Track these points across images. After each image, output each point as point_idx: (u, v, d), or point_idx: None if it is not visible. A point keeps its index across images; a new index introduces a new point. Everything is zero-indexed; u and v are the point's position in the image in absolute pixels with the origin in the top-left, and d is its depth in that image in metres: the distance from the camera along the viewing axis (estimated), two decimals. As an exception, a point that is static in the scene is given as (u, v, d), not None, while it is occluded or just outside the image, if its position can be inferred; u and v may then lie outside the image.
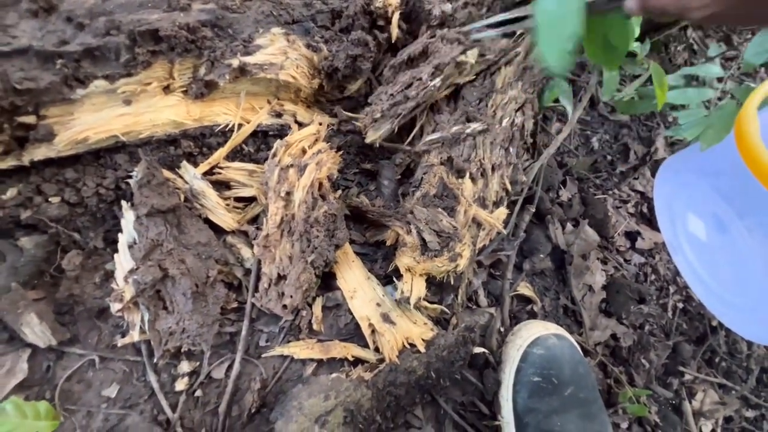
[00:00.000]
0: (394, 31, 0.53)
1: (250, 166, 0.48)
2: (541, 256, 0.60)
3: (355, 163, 0.56)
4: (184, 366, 0.43)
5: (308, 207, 0.43)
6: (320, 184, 0.44)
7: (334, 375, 0.42)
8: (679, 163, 0.61)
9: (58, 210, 0.40)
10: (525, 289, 0.58)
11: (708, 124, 0.51)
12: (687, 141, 0.62)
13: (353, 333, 0.49)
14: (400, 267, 0.47)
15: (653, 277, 0.68)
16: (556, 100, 0.61)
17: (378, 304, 0.48)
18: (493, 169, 0.54)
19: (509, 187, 0.55)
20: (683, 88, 0.55)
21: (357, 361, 0.47)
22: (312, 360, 0.47)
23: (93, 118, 0.40)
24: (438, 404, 0.49)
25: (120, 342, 0.41)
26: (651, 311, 0.65)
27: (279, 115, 0.50)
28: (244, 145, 0.49)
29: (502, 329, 0.55)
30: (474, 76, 0.54)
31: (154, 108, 0.42)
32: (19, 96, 0.36)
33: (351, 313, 0.49)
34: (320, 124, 0.48)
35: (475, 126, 0.51)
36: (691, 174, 0.58)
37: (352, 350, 0.46)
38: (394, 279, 0.48)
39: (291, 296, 0.42)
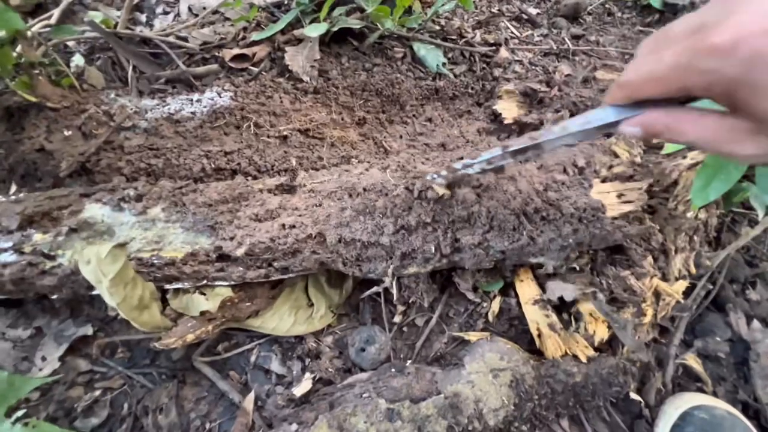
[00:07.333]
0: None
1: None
2: (718, 339, 0.61)
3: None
4: (400, 307, 0.63)
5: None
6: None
7: (510, 345, 0.54)
8: None
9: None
10: (694, 362, 0.59)
11: None
12: None
13: (518, 337, 0.61)
14: (584, 312, 0.58)
15: None
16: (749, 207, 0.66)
17: (547, 316, 0.59)
18: (676, 251, 0.63)
19: (693, 269, 0.62)
20: None
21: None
22: (483, 342, 0.60)
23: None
24: (585, 429, 0.55)
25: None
26: None
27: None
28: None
29: (662, 389, 0.57)
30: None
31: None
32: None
33: (519, 320, 0.62)
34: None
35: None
36: None
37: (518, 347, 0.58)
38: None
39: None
